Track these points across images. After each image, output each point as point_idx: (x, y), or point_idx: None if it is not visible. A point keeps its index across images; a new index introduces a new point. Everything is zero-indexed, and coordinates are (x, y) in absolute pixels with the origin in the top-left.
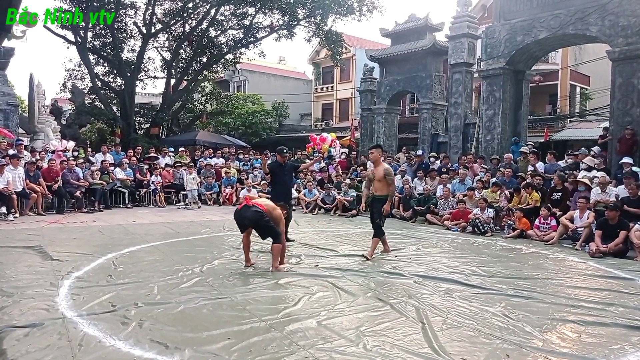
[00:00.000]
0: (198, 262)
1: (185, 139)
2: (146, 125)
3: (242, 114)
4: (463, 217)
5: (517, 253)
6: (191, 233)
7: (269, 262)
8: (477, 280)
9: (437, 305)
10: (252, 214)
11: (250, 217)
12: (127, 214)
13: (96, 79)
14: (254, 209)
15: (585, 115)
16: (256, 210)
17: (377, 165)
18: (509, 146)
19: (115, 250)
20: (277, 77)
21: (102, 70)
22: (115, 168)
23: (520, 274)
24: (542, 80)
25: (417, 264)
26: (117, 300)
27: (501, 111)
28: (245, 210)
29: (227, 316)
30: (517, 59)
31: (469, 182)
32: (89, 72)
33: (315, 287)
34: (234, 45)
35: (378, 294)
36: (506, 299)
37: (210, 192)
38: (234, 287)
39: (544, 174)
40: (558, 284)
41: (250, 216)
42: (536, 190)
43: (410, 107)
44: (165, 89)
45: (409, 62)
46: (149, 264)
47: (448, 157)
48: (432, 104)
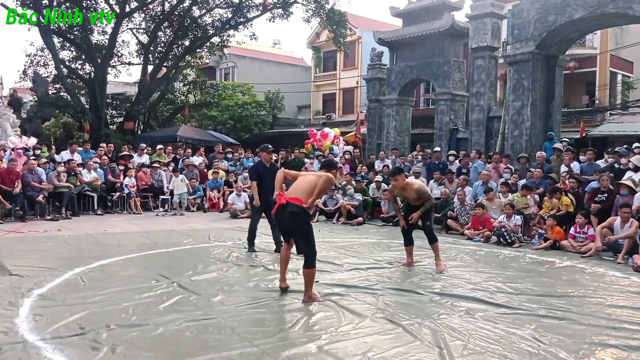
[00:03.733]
0: (180, 277)
1: (164, 135)
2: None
3: (231, 106)
4: (484, 224)
5: (550, 267)
6: (171, 244)
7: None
8: (503, 298)
9: (456, 327)
10: (289, 217)
11: (288, 220)
12: (98, 222)
13: (62, 65)
14: (291, 209)
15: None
16: (293, 212)
17: (406, 188)
18: (539, 143)
19: (84, 263)
20: (270, 64)
21: (68, 56)
22: (84, 168)
23: (553, 291)
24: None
25: (434, 280)
26: (86, 322)
27: (530, 102)
28: (283, 211)
29: (213, 340)
30: (549, 42)
31: (493, 185)
32: (53, 57)
33: (316, 306)
34: (221, 27)
35: (388, 314)
36: (537, 320)
37: (194, 196)
38: (221, 306)
39: (579, 175)
40: (597, 303)
41: (288, 219)
42: (566, 194)
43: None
44: (142, 78)
45: (423, 45)
46: (123, 280)
47: (469, 155)
48: (450, 95)
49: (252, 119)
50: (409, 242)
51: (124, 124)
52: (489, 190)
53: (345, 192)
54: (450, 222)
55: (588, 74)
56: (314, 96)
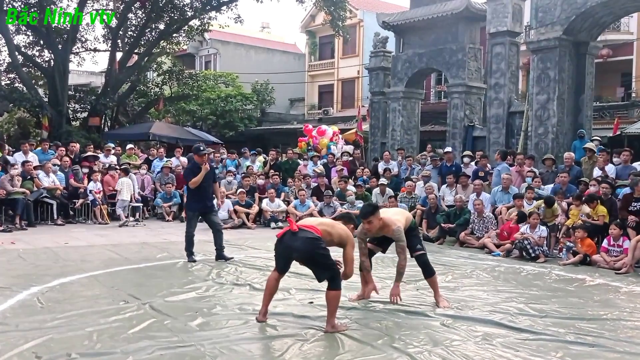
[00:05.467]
0: (152, 298)
1: (135, 133)
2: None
3: (212, 99)
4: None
5: (579, 285)
6: (143, 259)
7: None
8: (526, 321)
9: (471, 355)
10: (303, 244)
11: (300, 248)
12: (58, 233)
13: (16, 52)
14: (305, 235)
15: None
16: (309, 237)
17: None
18: (568, 142)
19: (42, 282)
20: (258, 50)
21: (24, 41)
22: (42, 172)
23: (583, 314)
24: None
25: (446, 300)
26: (43, 350)
27: (557, 96)
28: (292, 238)
29: None
30: (578, 26)
31: (515, 191)
32: (7, 43)
33: (310, 331)
34: (201, 8)
35: (393, 340)
36: (564, 347)
37: (169, 203)
38: (200, 331)
39: (614, 179)
40: (633, 327)
41: (301, 247)
42: (602, 203)
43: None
44: (109, 66)
45: (434, 30)
46: (87, 301)
47: (487, 156)
48: (465, 86)
49: (237, 114)
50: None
51: (88, 120)
52: (519, 197)
53: (344, 198)
54: (464, 237)
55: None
56: (309, 88)
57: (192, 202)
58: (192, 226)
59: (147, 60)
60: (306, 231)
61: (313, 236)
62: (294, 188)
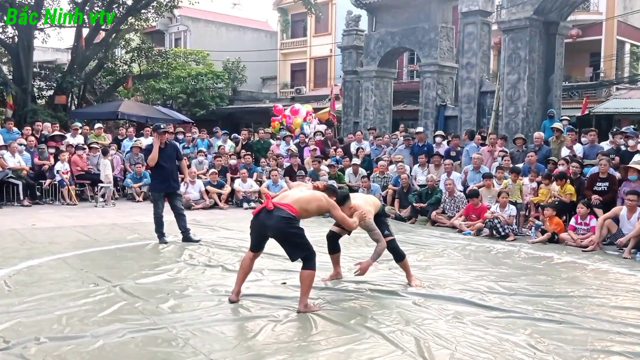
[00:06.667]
0: (123, 280)
1: (103, 112)
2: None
3: (183, 78)
4: (479, 214)
5: (547, 263)
6: (113, 240)
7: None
8: (495, 299)
9: (442, 333)
10: (276, 223)
11: (274, 226)
12: (24, 215)
13: None
14: (279, 214)
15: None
16: (282, 217)
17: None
18: (538, 122)
19: (8, 265)
20: (229, 28)
21: None
22: (7, 151)
23: (551, 291)
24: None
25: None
26: (11, 334)
27: (527, 75)
28: (267, 216)
29: (163, 353)
30: (549, 6)
31: (485, 170)
32: None
33: (282, 312)
34: None
35: (365, 319)
36: (533, 324)
37: (139, 184)
38: (172, 313)
39: (582, 159)
40: (600, 304)
41: (274, 225)
42: (571, 182)
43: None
44: (76, 43)
45: (407, 9)
46: (55, 284)
47: (458, 136)
48: (437, 66)
49: (208, 92)
50: (334, 249)
51: (54, 98)
52: (489, 177)
53: (317, 179)
54: (435, 216)
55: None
56: (281, 66)
57: (157, 183)
58: (160, 207)
59: (115, 37)
60: (281, 209)
61: (287, 215)
62: (266, 168)
